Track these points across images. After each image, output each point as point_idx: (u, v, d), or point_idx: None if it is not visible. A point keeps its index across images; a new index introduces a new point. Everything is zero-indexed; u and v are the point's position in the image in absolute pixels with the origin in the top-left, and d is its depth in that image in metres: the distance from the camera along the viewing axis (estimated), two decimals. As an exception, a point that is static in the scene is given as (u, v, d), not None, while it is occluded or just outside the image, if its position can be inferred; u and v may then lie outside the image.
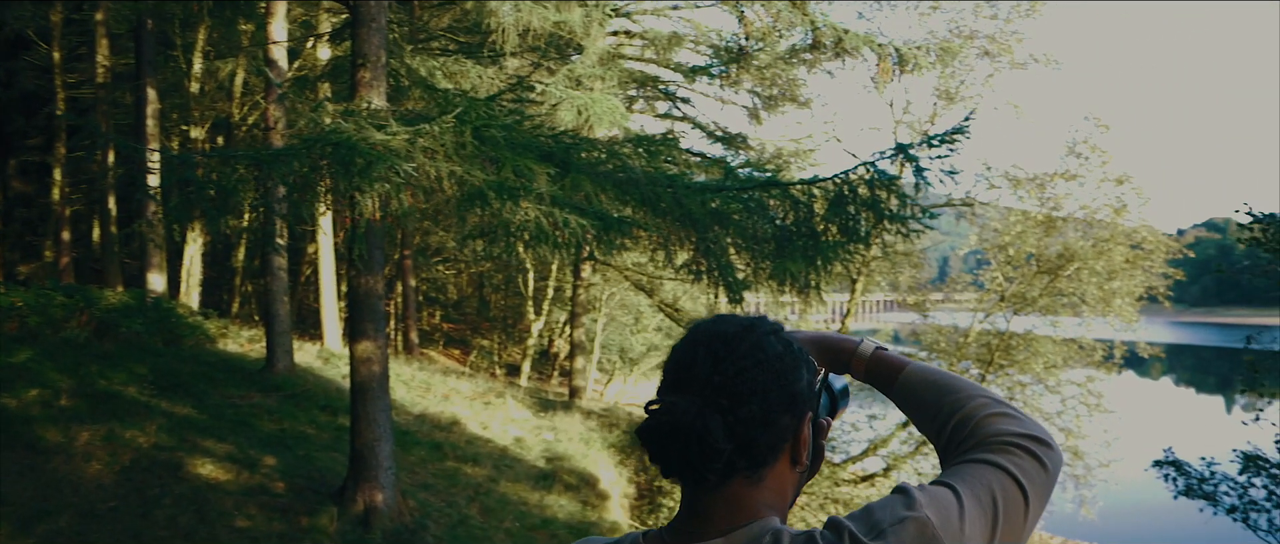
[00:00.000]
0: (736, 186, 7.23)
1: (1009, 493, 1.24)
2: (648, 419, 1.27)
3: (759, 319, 1.36)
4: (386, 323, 8.35)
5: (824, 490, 12.86)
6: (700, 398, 1.25)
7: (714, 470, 1.23)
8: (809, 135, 16.33)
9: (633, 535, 1.35)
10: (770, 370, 1.28)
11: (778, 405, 1.27)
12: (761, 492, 1.28)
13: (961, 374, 8.64)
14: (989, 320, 13.67)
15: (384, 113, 6.46)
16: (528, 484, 11.15)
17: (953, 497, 1.22)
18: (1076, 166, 13.57)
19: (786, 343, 1.33)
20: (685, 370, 1.30)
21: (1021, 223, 13.79)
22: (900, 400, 1.52)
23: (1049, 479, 1.29)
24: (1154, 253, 13.78)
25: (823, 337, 1.62)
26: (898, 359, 1.54)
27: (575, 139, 7.17)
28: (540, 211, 6.02)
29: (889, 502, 1.22)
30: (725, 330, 1.32)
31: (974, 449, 1.32)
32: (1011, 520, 1.23)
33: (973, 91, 13.90)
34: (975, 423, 1.35)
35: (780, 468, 1.31)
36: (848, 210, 6.86)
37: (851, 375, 1.58)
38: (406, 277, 21.60)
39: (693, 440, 1.22)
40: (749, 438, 1.25)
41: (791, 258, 6.91)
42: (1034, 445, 1.30)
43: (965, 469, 1.28)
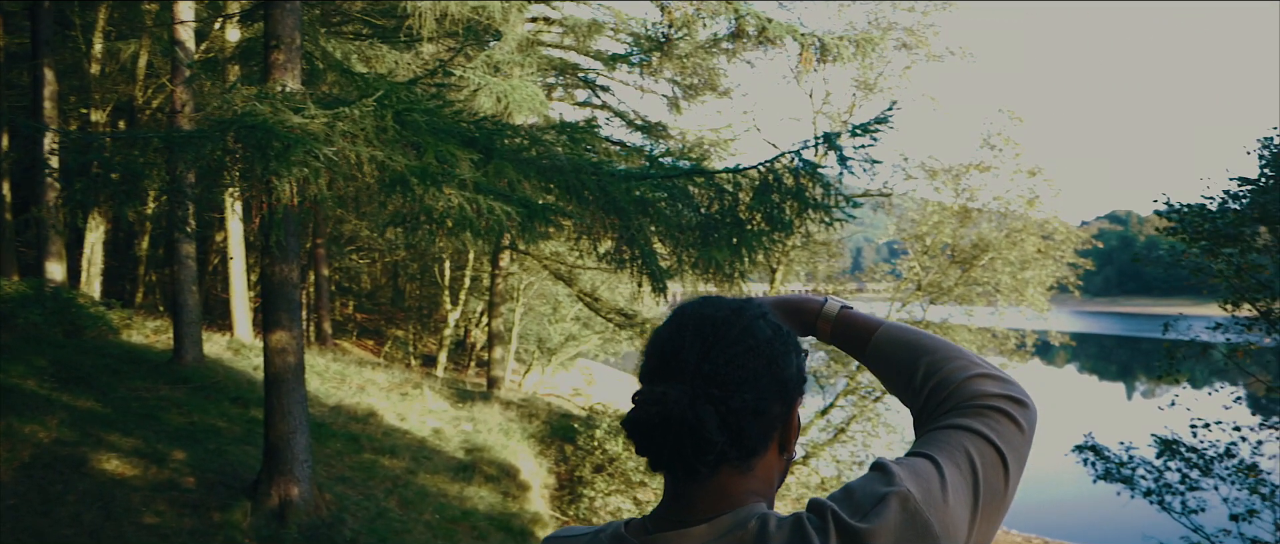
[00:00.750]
0: (661, 174, 7.20)
1: (987, 458, 1.21)
2: (635, 410, 1.21)
3: (747, 302, 1.31)
4: (301, 313, 8.13)
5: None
6: (691, 387, 1.20)
7: (706, 463, 1.19)
8: (728, 125, 16.38)
9: (614, 525, 1.31)
10: (762, 357, 1.23)
11: (769, 393, 1.23)
12: (750, 480, 1.24)
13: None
14: (906, 310, 13.91)
15: (300, 95, 6.26)
16: (447, 476, 10.99)
17: (932, 467, 1.19)
18: (991, 158, 13.90)
19: (776, 327, 1.29)
20: (673, 357, 1.24)
21: (938, 213, 14.04)
22: (872, 363, 1.47)
23: (1026, 440, 1.27)
24: (1064, 244, 14.18)
25: (784, 299, 1.58)
26: (868, 319, 1.49)
27: (498, 125, 7.05)
28: (463, 198, 5.91)
29: (868, 479, 1.20)
30: (714, 314, 1.27)
31: (949, 414, 1.28)
32: (992, 485, 1.20)
33: (890, 83, 14.13)
34: (954, 386, 1.31)
35: (769, 456, 1.27)
36: (773, 199, 6.88)
37: (816, 338, 1.54)
38: (319, 266, 21.13)
39: (685, 433, 1.17)
40: (740, 428, 1.20)
41: (717, 246, 6.90)
42: (1009, 406, 1.27)
43: (941, 436, 1.25)
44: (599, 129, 11.72)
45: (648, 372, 1.28)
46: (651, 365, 1.28)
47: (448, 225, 6.02)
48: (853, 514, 1.14)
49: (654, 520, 1.27)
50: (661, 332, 1.30)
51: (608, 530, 1.31)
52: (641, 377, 1.31)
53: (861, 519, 1.13)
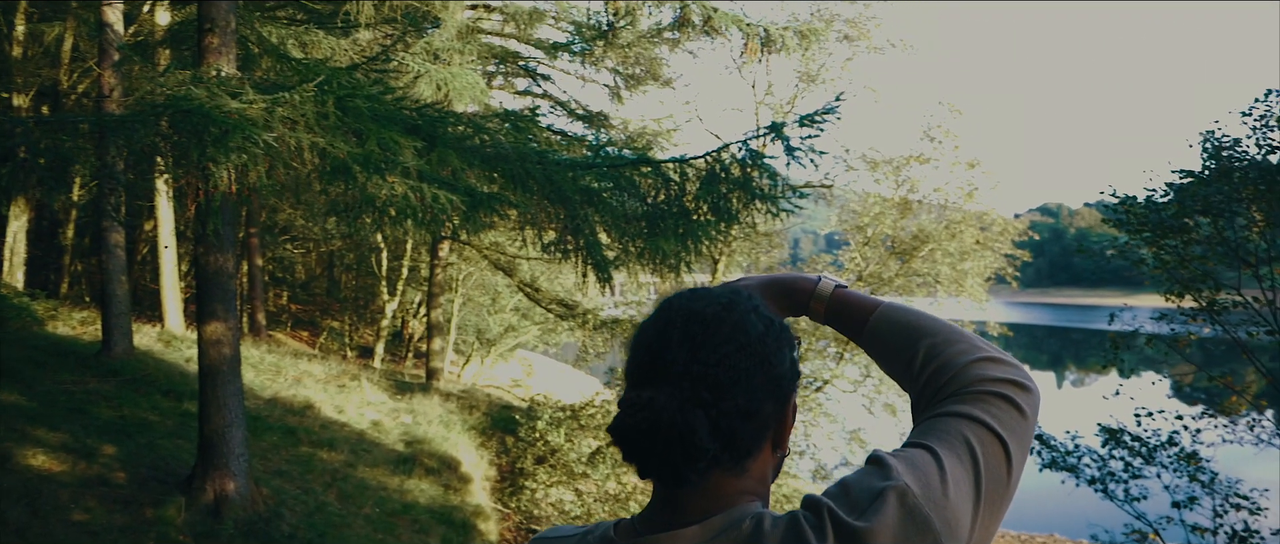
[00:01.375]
0: (607, 164, 7.14)
1: (988, 447, 1.17)
2: (622, 417, 1.16)
3: (735, 294, 1.26)
4: (237, 303, 7.93)
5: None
6: (679, 391, 1.14)
7: (697, 470, 1.14)
8: (670, 115, 16.38)
9: (603, 525, 1.27)
10: (754, 355, 1.18)
11: (762, 393, 1.18)
12: (743, 481, 1.20)
13: (819, 355, 8.78)
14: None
15: (237, 80, 6.09)
16: (387, 469, 10.84)
17: (930, 459, 1.15)
18: (930, 150, 14.07)
19: (768, 320, 1.23)
20: (660, 358, 1.19)
21: (879, 205, 14.17)
22: (869, 345, 1.42)
23: (1028, 425, 1.23)
24: (1002, 235, 14.42)
25: (775, 278, 1.52)
26: (865, 299, 1.44)
27: (441, 112, 6.93)
28: (407, 187, 5.80)
29: (864, 474, 1.15)
30: (702, 310, 1.21)
31: (948, 400, 1.24)
32: (995, 475, 1.16)
33: (832, 74, 14.22)
34: (955, 370, 1.26)
35: (763, 456, 1.22)
36: (719, 189, 6.86)
37: (810, 318, 1.48)
38: (253, 255, 20.68)
39: (674, 440, 1.12)
40: (733, 432, 1.16)
41: (664, 237, 6.87)
42: (1011, 390, 1.23)
43: (940, 424, 1.21)
44: (541, 118, 11.60)
45: (634, 373, 1.23)
46: (638, 366, 1.22)
47: (391, 214, 5.91)
48: (850, 512, 1.10)
49: (643, 522, 1.23)
50: (648, 329, 1.24)
51: (597, 532, 1.27)
52: (627, 376, 1.26)
53: (859, 517, 1.09)
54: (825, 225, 16.02)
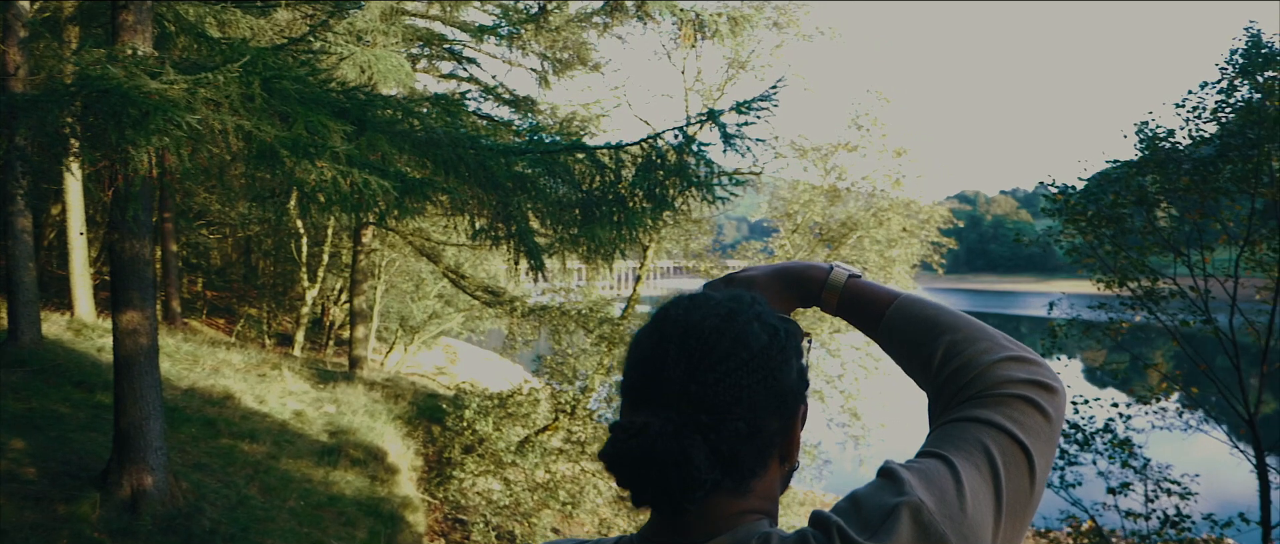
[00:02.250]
0: (541, 149, 7.03)
1: (1009, 455, 1.10)
2: (615, 443, 1.09)
3: (737, 301, 1.18)
4: (154, 291, 7.65)
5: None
6: (676, 414, 1.07)
7: (694, 499, 1.07)
8: (598, 100, 16.23)
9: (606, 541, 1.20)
10: (757, 372, 1.11)
11: (766, 410, 1.11)
12: (748, 500, 1.14)
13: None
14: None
15: (155, 59, 5.84)
16: (311, 460, 10.59)
17: (946, 470, 1.07)
18: (858, 138, 14.20)
19: (772, 329, 1.16)
20: (655, 379, 1.11)
21: (808, 192, 14.26)
22: (886, 341, 1.33)
23: (1053, 429, 1.16)
24: (928, 223, 14.64)
25: (785, 268, 1.43)
26: (881, 291, 1.36)
27: (370, 95, 6.73)
28: (336, 171, 5.62)
29: (875, 488, 1.08)
30: (700, 324, 1.13)
31: (967, 403, 1.16)
32: (1016, 486, 1.09)
33: (762, 61, 14.25)
34: (977, 371, 1.18)
35: (769, 473, 1.16)
36: (656, 176, 6.80)
37: (821, 309, 1.40)
38: (167, 241, 20.04)
39: (670, 470, 1.05)
40: (734, 455, 1.09)
41: (600, 224, 6.78)
42: (1035, 392, 1.16)
43: (957, 431, 1.13)
44: (465, 102, 11.38)
45: (628, 393, 1.16)
46: (632, 385, 1.15)
47: (320, 200, 5.72)
48: (861, 530, 1.03)
49: (643, 541, 1.16)
50: (642, 344, 1.16)
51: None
52: (622, 395, 1.18)
53: (870, 537, 1.02)
54: (754, 212, 16.07)
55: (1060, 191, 10.23)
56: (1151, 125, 9.87)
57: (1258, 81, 8.90)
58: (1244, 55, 9.14)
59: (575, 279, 17.22)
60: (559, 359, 13.88)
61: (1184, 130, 9.67)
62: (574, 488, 13.08)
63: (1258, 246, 9.22)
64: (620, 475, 1.09)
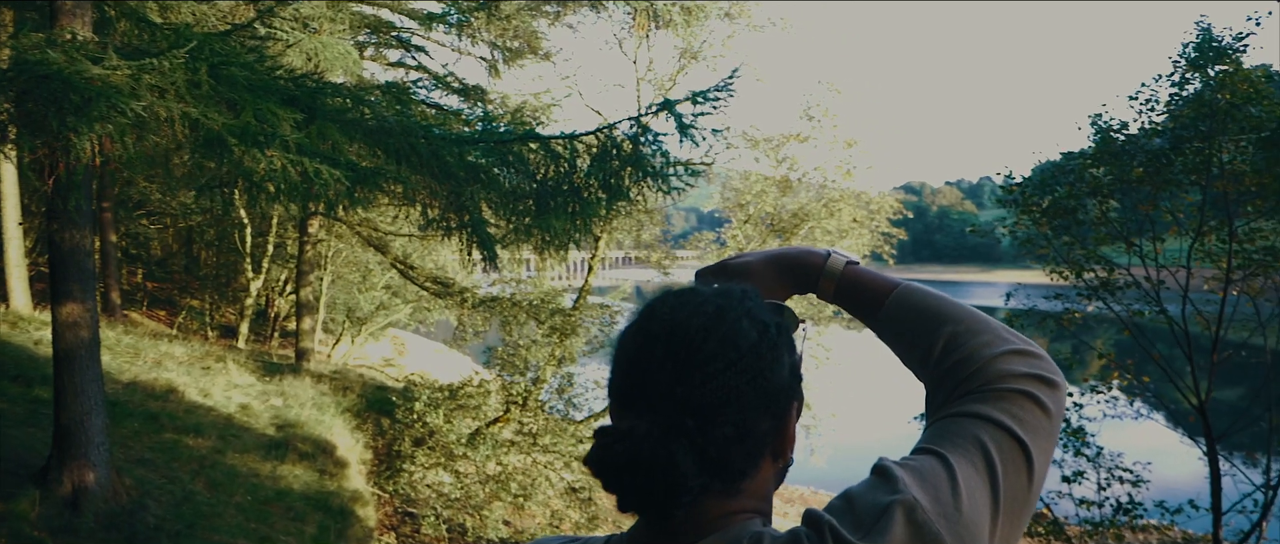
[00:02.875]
0: (495, 139, 6.94)
1: (1007, 453, 1.07)
2: (599, 448, 1.05)
3: (725, 297, 1.13)
4: (95, 283, 7.45)
5: (567, 449, 12.88)
6: (661, 418, 1.04)
7: (682, 504, 1.04)
8: (548, 90, 16.11)
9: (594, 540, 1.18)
10: (746, 372, 1.07)
11: (756, 411, 1.08)
12: (739, 500, 1.10)
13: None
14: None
15: (97, 44, 5.67)
16: (258, 454, 10.40)
17: (941, 467, 1.05)
18: (810, 129, 14.25)
19: (762, 325, 1.11)
20: (640, 381, 1.08)
21: (761, 183, 14.28)
22: (884, 330, 1.30)
23: (1053, 425, 1.13)
24: (878, 213, 14.75)
25: (780, 254, 1.39)
26: (881, 279, 1.33)
27: (319, 83, 6.60)
28: (287, 160, 5.49)
29: (868, 486, 1.05)
30: (686, 323, 1.09)
31: (966, 398, 1.13)
32: (1013, 484, 1.07)
33: (714, 51, 14.24)
34: (977, 365, 1.15)
35: (761, 473, 1.12)
36: (611, 166, 6.75)
37: (818, 296, 1.36)
38: (106, 231, 19.57)
39: (655, 475, 1.02)
40: (724, 459, 1.05)
41: (555, 215, 6.72)
42: (1035, 387, 1.13)
43: (954, 427, 1.10)
44: (417, 92, 11.26)
45: (615, 395, 1.12)
46: (619, 388, 1.12)
47: (269, 190, 5.60)
48: (854, 530, 1.00)
49: (633, 542, 1.13)
50: (628, 343, 1.13)
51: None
52: (609, 396, 1.15)
53: (863, 536, 0.99)
54: (706, 203, 16.07)
55: (1016, 183, 10.36)
56: (1105, 117, 10.04)
57: (1208, 75, 9.09)
58: (1196, 49, 9.33)
59: (525, 270, 17.09)
60: (510, 350, 13.79)
61: (1137, 122, 9.86)
62: (526, 480, 13.01)
63: (1207, 238, 9.43)
64: (606, 480, 1.06)
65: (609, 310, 14.57)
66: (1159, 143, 9.55)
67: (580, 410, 13.86)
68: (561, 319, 13.62)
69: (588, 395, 14.05)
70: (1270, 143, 8.31)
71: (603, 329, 14.49)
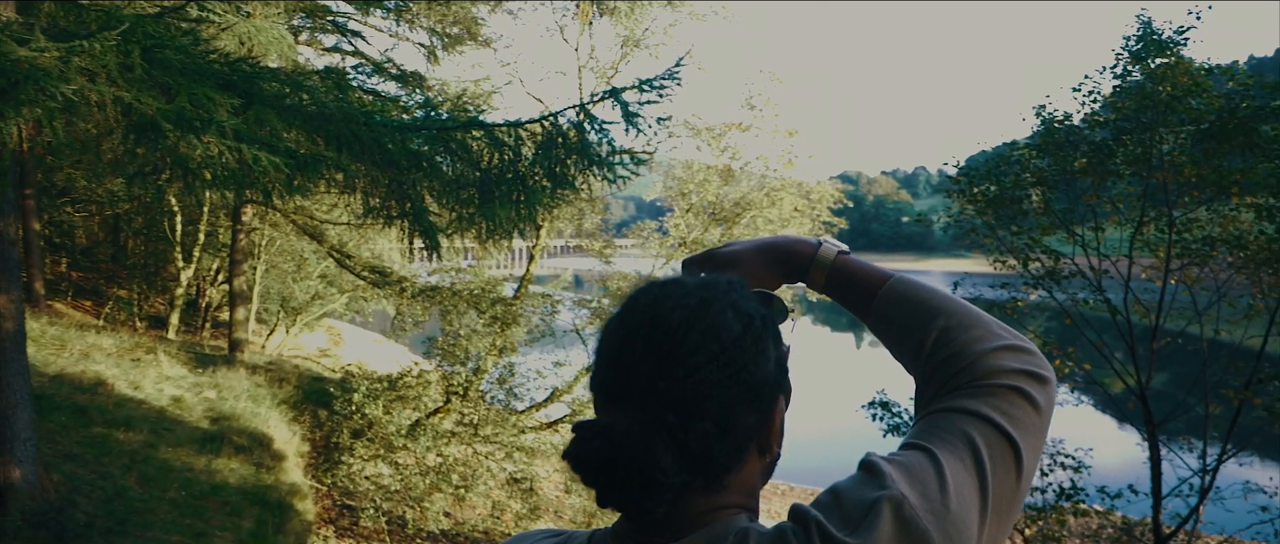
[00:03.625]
0: (438, 126, 6.83)
1: (996, 449, 1.06)
2: (578, 443, 1.03)
3: (709, 288, 1.10)
4: (20, 273, 7.20)
5: (509, 439, 12.79)
6: (642, 413, 1.01)
7: (663, 501, 1.02)
8: (488, 77, 15.92)
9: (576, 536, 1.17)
10: (729, 366, 1.04)
11: (739, 406, 1.05)
12: (723, 496, 1.08)
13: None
14: (670, 266, 14.09)
15: (22, 25, 5.45)
16: (191, 448, 10.16)
17: (929, 463, 1.03)
18: (751, 118, 14.27)
19: (747, 317, 1.09)
20: (622, 375, 1.05)
21: (703, 172, 14.28)
22: (876, 322, 1.28)
23: (1043, 422, 1.12)
24: (819, 203, 14.84)
25: (770, 243, 1.36)
26: (872, 270, 1.30)
27: (256, 68, 6.43)
28: (224, 147, 5.34)
29: (855, 482, 1.04)
30: (668, 316, 1.06)
31: (955, 393, 1.12)
32: (1001, 481, 1.05)
33: (656, 39, 14.19)
34: (968, 360, 1.14)
35: (747, 467, 1.10)
36: (557, 154, 6.68)
37: (809, 287, 1.33)
38: (28, 219, 18.96)
39: (634, 471, 0.99)
40: (706, 455, 1.03)
41: (501, 203, 6.64)
42: (1026, 383, 1.12)
43: (942, 422, 1.09)
44: (355, 77, 11.03)
45: (597, 389, 1.11)
46: (600, 381, 1.10)
47: (206, 178, 5.44)
48: (841, 526, 0.99)
49: (614, 537, 1.11)
50: (611, 336, 1.10)
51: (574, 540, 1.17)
52: (592, 388, 1.13)
53: (850, 533, 0.98)
54: (648, 191, 16.04)
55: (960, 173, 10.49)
56: (1049, 109, 10.21)
57: (1150, 67, 9.28)
58: (1138, 41, 9.52)
59: (464, 259, 16.90)
60: (451, 340, 13.62)
61: (1080, 114, 10.04)
62: (467, 471, 12.90)
63: (1146, 227, 9.65)
64: (584, 476, 1.04)
65: (550, 299, 14.46)
66: (1102, 134, 9.75)
67: (522, 401, 13.77)
68: (503, 309, 13.49)
69: (529, 385, 13.96)
70: (1208, 135, 8.54)
71: (544, 318, 14.38)
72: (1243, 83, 8.69)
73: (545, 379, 13.97)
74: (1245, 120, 8.24)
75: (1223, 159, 8.67)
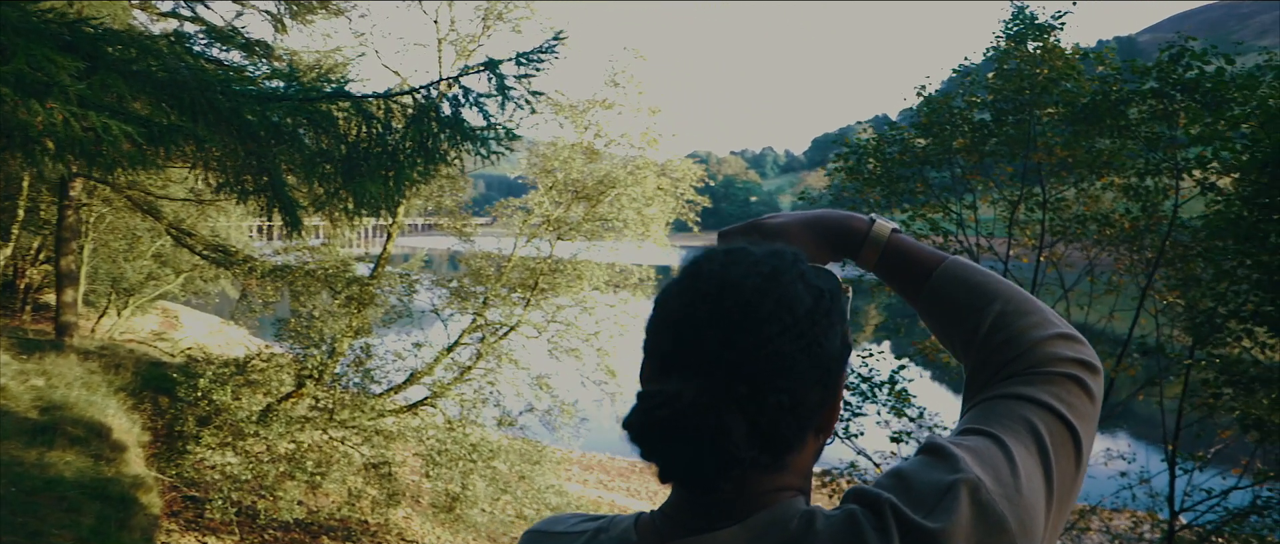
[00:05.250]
0: (303, 96, 6.48)
1: (1057, 436, 1.05)
2: (642, 412, 0.96)
3: (779, 257, 1.04)
4: None
5: (367, 423, 12.37)
6: (710, 384, 0.95)
7: (730, 477, 0.96)
8: (340, 48, 15.27)
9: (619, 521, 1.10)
10: (802, 339, 0.99)
11: (808, 382, 1.00)
12: (783, 477, 1.03)
13: (503, 299, 8.62)
14: (532, 245, 13.89)
15: None
16: (20, 441, 9.41)
17: (997, 449, 1.01)
18: (615, 96, 14.17)
19: (817, 292, 1.03)
20: (687, 343, 0.99)
21: (568, 149, 14.10)
22: (929, 303, 1.24)
23: (1096, 410, 1.12)
24: (682, 181, 14.90)
25: (820, 217, 1.31)
26: (926, 250, 1.27)
27: (100, 29, 5.94)
28: (68, 113, 4.90)
29: (923, 465, 1.01)
30: (740, 282, 1.00)
31: (1013, 379, 1.10)
32: (1064, 468, 1.04)
33: (518, 14, 13.88)
34: (1025, 346, 1.12)
35: (806, 449, 1.05)
36: (430, 128, 6.44)
37: (858, 265, 1.30)
38: None
39: (704, 443, 0.93)
40: (774, 430, 0.97)
41: (370, 178, 6.35)
42: (1082, 372, 1.11)
43: (1002, 408, 1.07)
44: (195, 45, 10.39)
45: (656, 356, 1.03)
46: (660, 349, 1.02)
47: (48, 147, 4.99)
48: (916, 509, 0.95)
49: (668, 521, 1.05)
50: (670, 302, 1.03)
51: (612, 530, 1.09)
52: (648, 357, 1.05)
53: (928, 516, 0.94)
54: (513, 169, 15.74)
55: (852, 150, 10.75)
56: (929, 90, 10.57)
57: (1027, 51, 9.69)
58: (1015, 21, 9.90)
59: (314, 238, 16.25)
60: (304, 322, 13.06)
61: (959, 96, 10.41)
62: (321, 456, 12.44)
63: (1017, 208, 10.11)
64: (646, 448, 0.97)
65: (407, 280, 14.04)
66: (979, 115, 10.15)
67: (379, 384, 13.34)
68: (359, 289, 13.03)
69: (387, 367, 13.54)
70: (1079, 117, 8.99)
71: (401, 299, 13.95)
72: (1113, 67, 9.19)
73: (405, 361, 13.57)
74: (1115, 103, 8.74)
75: (1093, 140, 9.17)
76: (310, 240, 15.92)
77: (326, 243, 14.93)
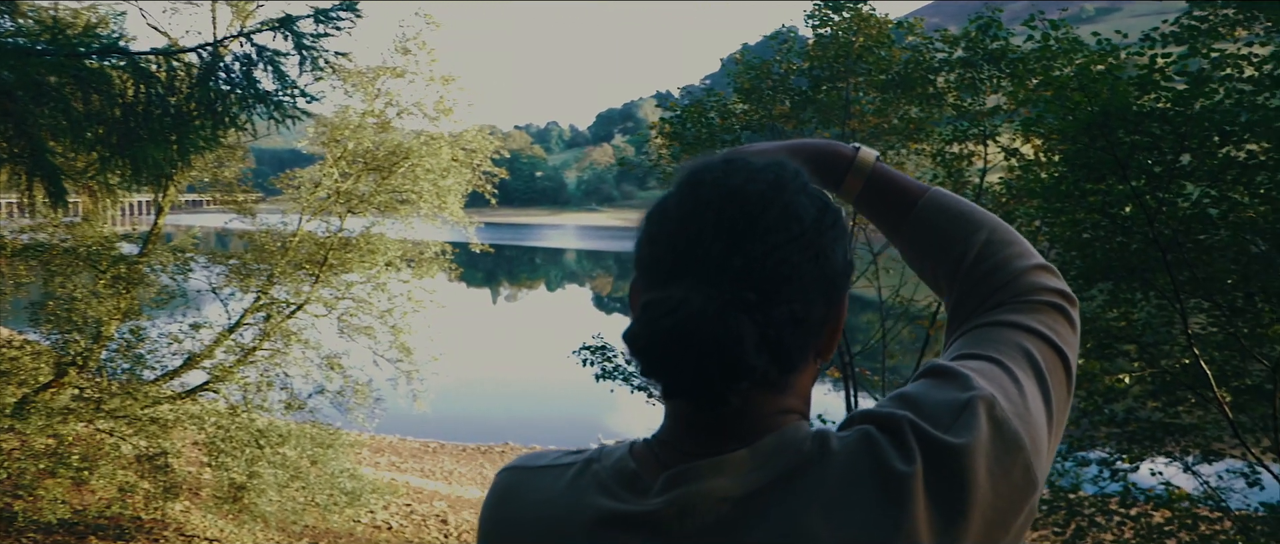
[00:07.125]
0: (70, 51, 5.85)
1: (1050, 361, 1.07)
2: (644, 321, 0.91)
3: (781, 168, 1.01)
4: None
5: (139, 412, 11.45)
6: (717, 291, 0.91)
7: (739, 390, 0.90)
8: (94, 5, 13.92)
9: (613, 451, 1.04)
10: (808, 248, 0.96)
11: (814, 295, 0.97)
12: (786, 397, 1.00)
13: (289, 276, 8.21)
14: (320, 220, 13.19)
15: None
16: None
17: (1001, 370, 1.02)
18: (406, 63, 13.60)
19: (821, 203, 1.00)
20: (690, 250, 0.95)
21: (358, 118, 13.45)
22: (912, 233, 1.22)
23: (1076, 340, 1.13)
24: (478, 152, 14.53)
25: (802, 145, 1.27)
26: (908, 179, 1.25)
27: None
28: None
29: (932, 386, 0.99)
30: (743, 188, 0.96)
31: (1001, 308, 1.11)
32: (1058, 392, 1.05)
33: (302, -28, 13.06)
34: (1011, 275, 1.13)
35: (808, 369, 1.03)
36: (219, 89, 5.96)
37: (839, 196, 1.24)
38: None
39: (713, 353, 0.88)
40: (780, 342, 0.93)
41: (154, 144, 5.81)
42: (1065, 303, 1.13)
43: (994, 334, 1.08)
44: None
45: (652, 267, 0.98)
46: (658, 258, 0.97)
47: None
48: (936, 425, 0.92)
49: (667, 448, 1.00)
50: (669, 211, 0.98)
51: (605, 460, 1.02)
52: (642, 270, 1.00)
53: (948, 432, 0.92)
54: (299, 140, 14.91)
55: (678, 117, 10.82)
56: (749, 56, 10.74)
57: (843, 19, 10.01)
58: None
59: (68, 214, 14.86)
60: (65, 305, 11.91)
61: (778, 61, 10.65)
62: (87, 450, 11.45)
63: None
64: (649, 360, 0.91)
65: (182, 257, 13.04)
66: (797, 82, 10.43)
67: (153, 370, 12.34)
68: (126, 268, 12.01)
69: (161, 351, 12.53)
70: (891, 85, 9.40)
71: (173, 278, 12.95)
72: (923, 37, 9.66)
73: (181, 344, 12.60)
74: (925, 72, 9.21)
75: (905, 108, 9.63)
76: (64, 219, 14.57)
77: (84, 219, 13.64)
